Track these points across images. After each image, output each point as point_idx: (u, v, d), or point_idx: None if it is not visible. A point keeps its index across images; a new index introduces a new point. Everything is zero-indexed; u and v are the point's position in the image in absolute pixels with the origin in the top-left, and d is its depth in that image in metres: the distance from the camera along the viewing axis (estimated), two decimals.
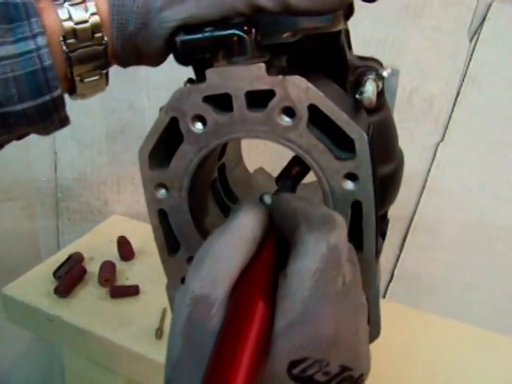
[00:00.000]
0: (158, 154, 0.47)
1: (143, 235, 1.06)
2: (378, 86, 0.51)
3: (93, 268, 0.99)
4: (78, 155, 1.23)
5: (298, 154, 0.43)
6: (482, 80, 0.93)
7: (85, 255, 1.03)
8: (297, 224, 0.34)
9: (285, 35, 0.46)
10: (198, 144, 0.44)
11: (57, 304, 0.90)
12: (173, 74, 0.45)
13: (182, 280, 0.52)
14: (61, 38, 0.42)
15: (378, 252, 0.48)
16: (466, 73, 0.93)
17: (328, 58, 0.49)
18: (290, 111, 0.41)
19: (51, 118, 0.44)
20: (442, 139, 1.00)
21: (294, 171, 0.47)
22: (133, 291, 0.92)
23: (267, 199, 0.49)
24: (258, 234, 0.35)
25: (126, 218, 1.23)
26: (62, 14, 0.42)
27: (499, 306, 1.09)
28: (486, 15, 0.88)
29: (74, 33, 0.42)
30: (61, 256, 1.02)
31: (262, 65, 0.40)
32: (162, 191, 0.48)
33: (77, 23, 0.42)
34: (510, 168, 0.98)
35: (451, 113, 0.97)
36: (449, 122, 0.98)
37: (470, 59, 0.92)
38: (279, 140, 0.42)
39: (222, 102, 0.43)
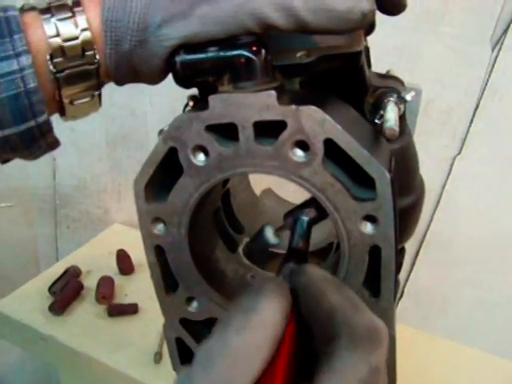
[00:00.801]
0: (156, 184, 0.42)
1: None
2: (399, 110, 0.46)
3: (90, 283, 0.95)
4: (77, 161, 1.18)
5: (311, 193, 0.38)
6: (504, 91, 0.87)
7: (82, 268, 0.98)
8: (335, 333, 0.28)
9: (298, 55, 0.41)
10: (200, 178, 0.39)
11: (51, 322, 0.86)
12: None
13: (181, 321, 0.47)
14: (47, 57, 0.37)
15: (395, 295, 0.44)
16: (486, 83, 0.88)
17: (346, 78, 0.44)
18: (303, 145, 0.36)
19: (37, 144, 0.40)
20: (459, 153, 0.95)
21: (310, 214, 0.41)
22: (131, 310, 0.88)
23: (270, 236, 0.43)
24: (282, 328, 0.29)
25: (126, 227, 1.18)
26: (49, 29, 0.37)
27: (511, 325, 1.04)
28: (510, 23, 0.83)
29: (62, 51, 0.37)
30: (58, 269, 0.98)
31: (273, 92, 0.35)
32: (160, 226, 0.43)
33: (65, 40, 0.37)
34: None
35: (469, 125, 0.92)
36: (467, 135, 0.93)
37: (492, 69, 0.87)
38: (290, 177, 0.37)
39: (226, 132, 0.38)
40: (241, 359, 0.27)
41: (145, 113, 1.07)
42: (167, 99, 1.01)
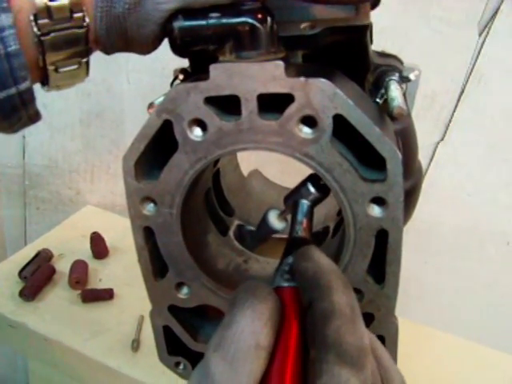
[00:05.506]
0: (147, 161, 0.39)
1: (118, 230, 0.97)
2: (402, 89, 0.44)
3: (63, 267, 0.90)
4: (48, 140, 1.13)
5: (317, 173, 0.36)
6: (489, 77, 0.87)
7: (54, 251, 0.94)
8: (325, 343, 0.27)
9: (302, 26, 0.39)
10: (196, 154, 0.37)
11: (21, 308, 0.82)
12: (158, 56, 0.37)
13: (170, 308, 0.45)
14: (31, 17, 0.34)
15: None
16: (472, 69, 0.87)
17: (349, 54, 0.42)
18: (310, 121, 0.34)
19: (18, 115, 0.37)
20: (442, 138, 0.94)
21: (311, 196, 0.39)
22: (106, 295, 0.84)
23: (274, 222, 0.41)
24: (268, 331, 0.28)
25: (99, 209, 1.14)
26: None
27: (488, 312, 1.05)
28: (498, 7, 0.82)
29: (48, 11, 0.34)
30: (28, 252, 0.93)
31: (281, 63, 0.33)
32: (150, 206, 0.40)
33: None
34: (510, 171, 0.93)
35: (454, 111, 0.91)
36: (450, 121, 0.92)
37: (478, 55, 0.86)
38: (295, 154, 0.35)
39: (227, 105, 0.35)
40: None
41: (121, 90, 1.02)
42: (146, 77, 0.97)
